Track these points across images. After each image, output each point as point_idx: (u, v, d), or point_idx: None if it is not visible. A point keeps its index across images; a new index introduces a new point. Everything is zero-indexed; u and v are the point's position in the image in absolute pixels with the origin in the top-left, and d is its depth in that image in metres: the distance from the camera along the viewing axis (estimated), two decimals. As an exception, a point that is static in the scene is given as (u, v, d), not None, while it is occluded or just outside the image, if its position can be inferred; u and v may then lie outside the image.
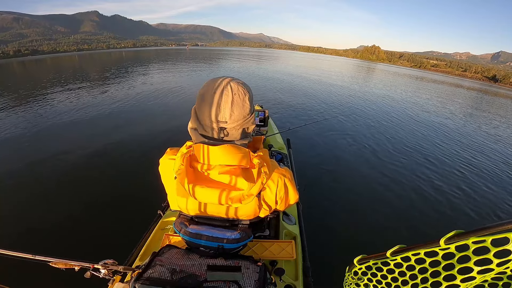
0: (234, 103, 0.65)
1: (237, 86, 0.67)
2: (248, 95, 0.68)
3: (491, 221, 2.86)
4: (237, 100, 0.66)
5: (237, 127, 0.68)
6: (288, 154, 2.29)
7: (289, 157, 2.23)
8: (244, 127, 0.70)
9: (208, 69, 17.79)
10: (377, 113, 7.67)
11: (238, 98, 0.66)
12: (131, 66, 19.09)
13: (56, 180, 3.12)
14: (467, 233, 0.46)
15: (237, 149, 0.66)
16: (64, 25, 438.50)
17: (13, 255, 0.67)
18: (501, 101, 19.33)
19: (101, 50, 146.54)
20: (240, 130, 0.69)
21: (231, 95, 0.65)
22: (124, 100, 7.43)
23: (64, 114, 5.97)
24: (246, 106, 0.68)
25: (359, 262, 0.82)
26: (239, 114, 0.66)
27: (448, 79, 52.13)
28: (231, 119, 0.66)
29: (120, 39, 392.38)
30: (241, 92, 0.66)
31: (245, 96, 0.67)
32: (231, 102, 0.65)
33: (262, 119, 2.09)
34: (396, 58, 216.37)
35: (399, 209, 2.90)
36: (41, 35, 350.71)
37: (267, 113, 2.11)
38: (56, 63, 27.12)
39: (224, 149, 0.65)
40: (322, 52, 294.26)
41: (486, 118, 9.62)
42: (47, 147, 4.13)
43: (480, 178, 3.90)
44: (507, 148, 5.74)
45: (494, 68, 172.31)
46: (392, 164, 4.05)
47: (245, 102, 0.67)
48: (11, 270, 1.39)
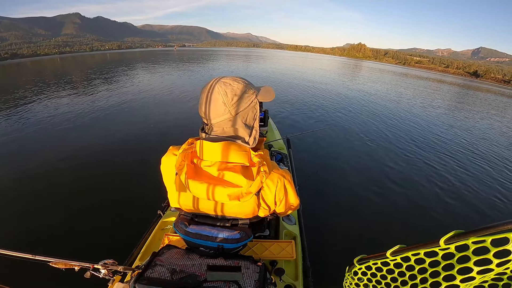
0: (209, 101, 0.68)
1: (220, 84, 0.68)
2: (222, 94, 0.67)
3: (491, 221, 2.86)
4: (215, 97, 0.67)
5: (219, 123, 0.69)
6: (288, 154, 2.29)
7: (289, 157, 2.24)
8: (223, 126, 0.69)
9: (202, 69, 17.72)
10: (377, 113, 7.66)
11: (217, 95, 0.67)
12: (118, 67, 18.49)
13: (56, 180, 3.12)
14: (467, 233, 0.46)
15: (238, 146, 0.67)
16: (45, 28, 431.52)
17: (13, 255, 0.67)
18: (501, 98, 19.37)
19: (84, 52, 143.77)
20: (222, 127, 0.69)
21: (212, 92, 0.68)
22: (123, 100, 7.43)
23: (61, 115, 5.97)
24: (218, 104, 0.67)
25: (359, 262, 0.82)
26: (214, 112, 0.68)
27: (431, 75, 52.79)
28: (210, 115, 0.68)
29: (103, 41, 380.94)
30: (216, 91, 0.68)
31: (218, 95, 0.67)
32: (210, 99, 0.68)
33: (262, 119, 2.08)
34: (381, 56, 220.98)
35: (399, 209, 2.90)
36: (20, 38, 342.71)
37: (267, 113, 2.11)
38: (38, 66, 26.18)
39: (225, 146, 0.66)
40: (310, 51, 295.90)
41: (487, 118, 9.62)
42: (46, 148, 4.14)
43: (481, 178, 3.90)
44: (508, 148, 5.74)
45: (475, 64, 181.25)
46: (392, 164, 4.05)
47: (217, 100, 0.67)
48: (11, 270, 1.40)
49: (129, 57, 35.81)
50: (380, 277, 0.78)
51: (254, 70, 18.07)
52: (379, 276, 0.78)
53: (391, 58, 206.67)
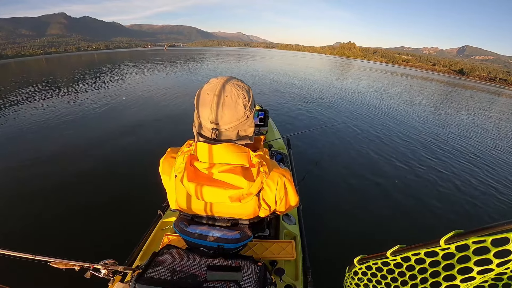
0: (225, 105, 0.63)
1: (232, 87, 0.65)
2: (242, 97, 0.65)
3: (491, 221, 2.86)
4: (228, 102, 0.63)
5: (231, 129, 0.67)
6: (288, 154, 2.29)
7: (289, 157, 2.23)
8: (238, 129, 0.68)
9: (196, 68, 17.67)
10: (377, 112, 7.66)
11: (230, 100, 0.63)
12: (108, 68, 18.22)
13: (56, 180, 3.12)
14: (467, 233, 0.46)
15: (237, 147, 0.66)
16: (29, 28, 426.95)
17: (13, 255, 0.67)
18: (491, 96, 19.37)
19: (70, 52, 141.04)
20: (234, 132, 0.68)
21: (223, 96, 0.63)
22: (123, 100, 7.43)
23: (61, 115, 5.97)
24: (239, 108, 0.65)
25: (359, 262, 0.82)
26: (231, 116, 0.64)
27: (419, 73, 53.93)
28: (222, 120, 0.64)
29: (91, 41, 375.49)
30: (234, 94, 0.64)
31: (238, 98, 0.64)
32: (222, 103, 0.63)
33: (262, 119, 2.08)
34: (370, 54, 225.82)
35: (399, 209, 2.89)
36: (4, 39, 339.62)
37: (267, 113, 2.11)
38: (22, 67, 25.73)
39: (224, 147, 0.65)
40: (300, 50, 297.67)
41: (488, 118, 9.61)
42: (46, 148, 4.13)
43: (482, 178, 3.89)
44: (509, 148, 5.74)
45: (460, 62, 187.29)
46: (393, 164, 4.05)
47: (238, 104, 0.64)
48: (11, 270, 1.40)
49: (118, 57, 35.14)
50: (380, 277, 0.78)
51: (247, 69, 18.04)
52: (379, 276, 0.78)
53: (380, 57, 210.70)
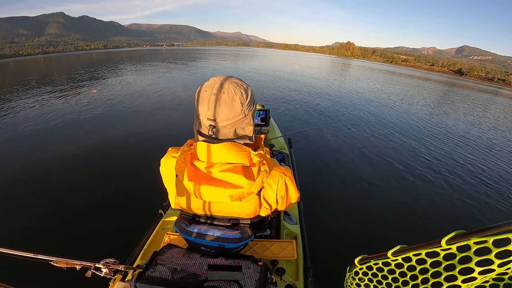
0: (221, 102, 0.63)
1: (229, 84, 0.65)
2: (239, 95, 0.65)
3: (492, 221, 2.85)
4: (225, 99, 0.63)
5: (228, 126, 0.66)
6: (289, 153, 2.28)
7: (290, 157, 2.23)
8: (236, 127, 0.68)
9: (195, 68, 17.66)
10: (377, 112, 7.64)
11: (226, 97, 0.64)
12: (109, 67, 18.13)
13: (57, 179, 3.13)
14: (469, 234, 0.46)
15: (237, 147, 0.67)
16: (27, 28, 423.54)
17: (14, 254, 0.67)
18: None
19: (68, 52, 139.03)
20: (232, 129, 0.68)
21: (220, 93, 0.63)
22: (122, 100, 7.44)
23: (61, 113, 5.98)
24: (236, 105, 0.65)
25: (360, 262, 0.82)
26: (227, 113, 0.64)
27: (418, 73, 53.95)
28: (219, 117, 0.64)
29: (89, 41, 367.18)
30: (231, 91, 0.64)
31: (235, 95, 0.64)
32: (219, 100, 0.63)
33: (263, 118, 2.08)
34: (369, 54, 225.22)
35: (400, 209, 2.89)
36: (2, 38, 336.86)
37: (269, 112, 2.10)
38: (21, 66, 25.42)
39: (224, 147, 0.65)
40: (299, 50, 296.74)
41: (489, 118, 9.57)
42: (47, 148, 4.15)
43: (483, 178, 3.88)
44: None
45: (459, 62, 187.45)
46: (394, 164, 4.04)
47: (234, 101, 0.64)
48: (13, 269, 1.40)
49: (116, 57, 34.84)
50: (381, 277, 0.77)
51: (247, 69, 18.01)
52: (380, 276, 0.77)
53: (379, 57, 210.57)
